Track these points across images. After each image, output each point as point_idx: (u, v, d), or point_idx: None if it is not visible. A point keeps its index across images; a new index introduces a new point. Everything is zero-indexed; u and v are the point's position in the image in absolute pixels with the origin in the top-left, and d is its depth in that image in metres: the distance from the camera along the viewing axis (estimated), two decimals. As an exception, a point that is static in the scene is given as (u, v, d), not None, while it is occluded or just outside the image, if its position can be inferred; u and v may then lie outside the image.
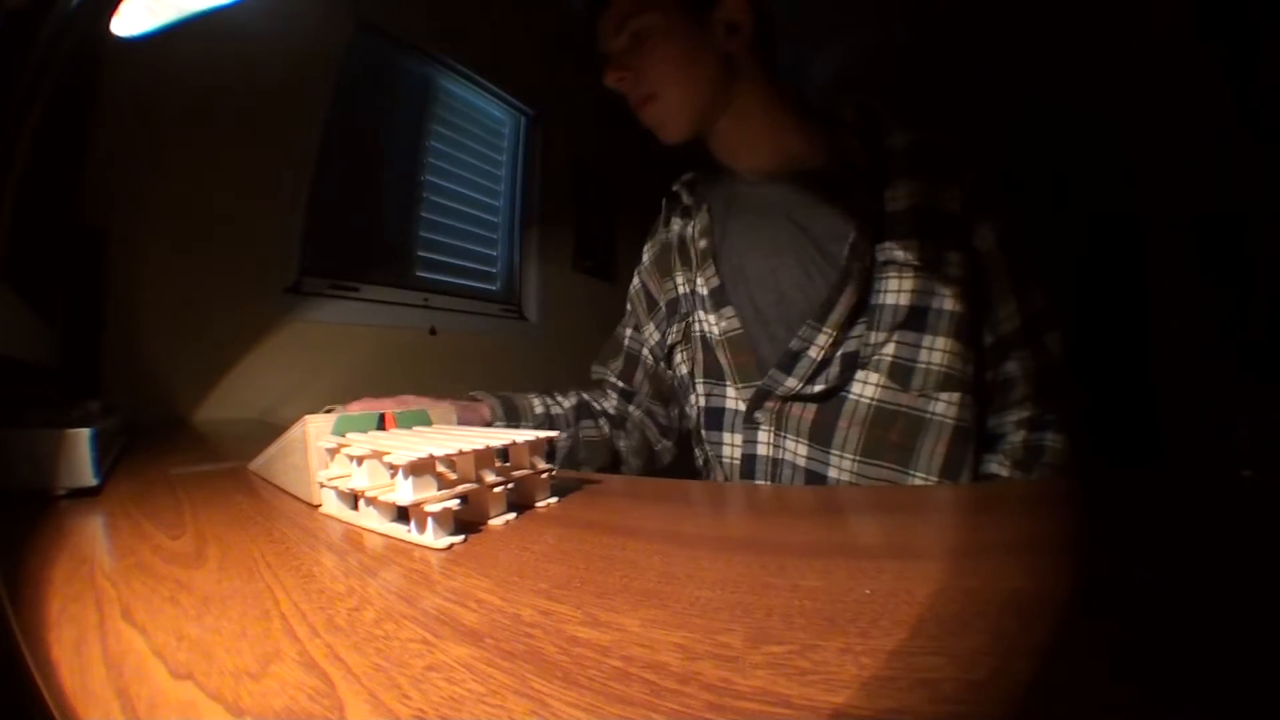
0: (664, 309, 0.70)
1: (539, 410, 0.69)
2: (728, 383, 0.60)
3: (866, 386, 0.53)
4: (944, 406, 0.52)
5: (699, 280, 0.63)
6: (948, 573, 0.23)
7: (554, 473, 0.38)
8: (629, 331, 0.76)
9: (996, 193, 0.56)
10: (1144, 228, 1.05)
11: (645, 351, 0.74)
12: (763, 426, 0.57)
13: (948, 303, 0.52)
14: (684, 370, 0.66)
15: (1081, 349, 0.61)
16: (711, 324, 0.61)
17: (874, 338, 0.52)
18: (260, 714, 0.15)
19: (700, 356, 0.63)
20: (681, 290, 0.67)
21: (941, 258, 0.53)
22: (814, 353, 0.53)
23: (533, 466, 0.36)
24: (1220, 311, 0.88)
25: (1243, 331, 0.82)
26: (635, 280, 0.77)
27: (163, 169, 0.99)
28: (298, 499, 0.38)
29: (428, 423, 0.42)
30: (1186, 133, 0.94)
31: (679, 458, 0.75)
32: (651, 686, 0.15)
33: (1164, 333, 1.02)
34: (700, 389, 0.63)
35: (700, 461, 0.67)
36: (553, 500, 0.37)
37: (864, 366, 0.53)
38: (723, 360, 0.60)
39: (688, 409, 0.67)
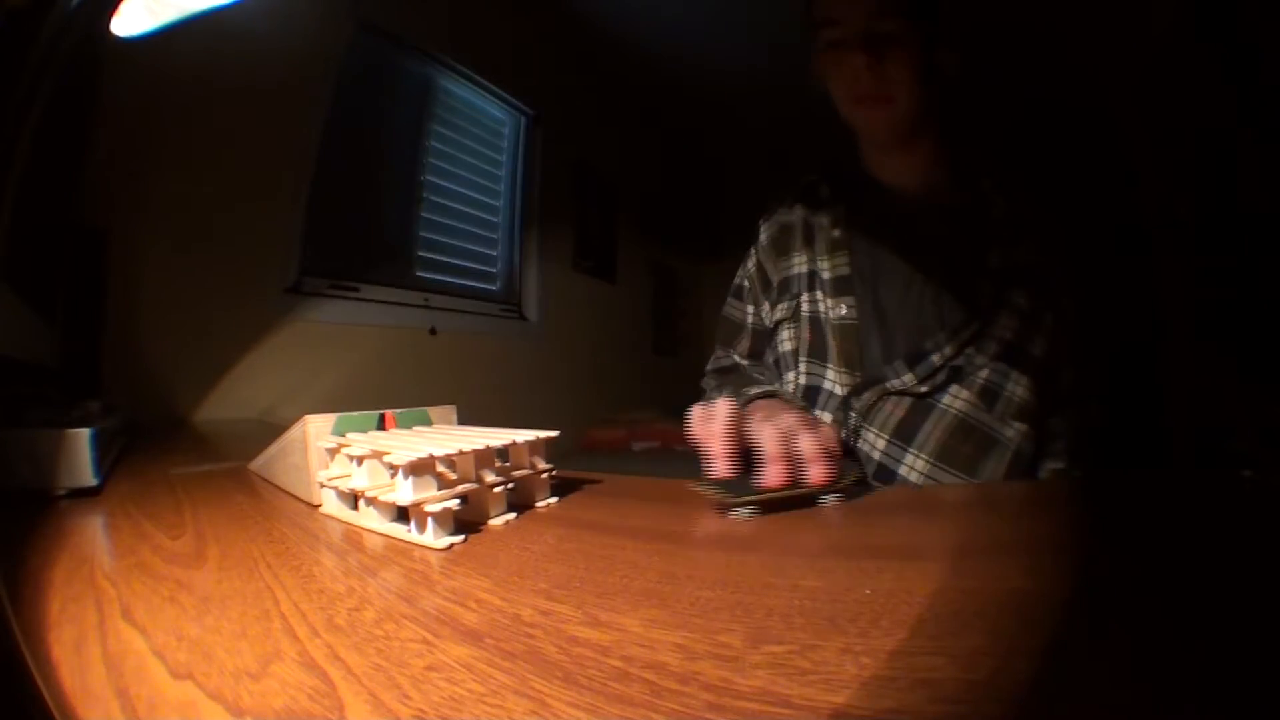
0: (776, 288, 0.72)
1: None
2: (830, 365, 0.64)
3: (957, 400, 0.58)
4: (1014, 433, 0.57)
5: (823, 264, 0.66)
6: (948, 573, 0.23)
7: (554, 472, 0.38)
8: (750, 309, 0.78)
9: (1078, 267, 0.63)
10: (1144, 228, 1.05)
11: (759, 327, 0.77)
12: (853, 415, 0.61)
13: (1036, 349, 0.59)
14: (787, 347, 0.69)
15: (1081, 349, 0.63)
16: (829, 306, 0.64)
17: (978, 360, 0.58)
18: (260, 714, 0.15)
19: (807, 335, 0.66)
20: (797, 270, 0.69)
21: (1039, 311, 0.59)
22: (936, 359, 0.58)
23: (533, 466, 0.36)
24: (1221, 312, 0.88)
25: (1243, 331, 0.82)
26: (751, 260, 0.78)
27: (163, 169, 0.99)
28: (298, 499, 0.38)
29: (428, 422, 0.42)
30: (1186, 133, 0.93)
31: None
32: (651, 686, 0.15)
33: (1165, 333, 1.02)
34: (803, 367, 0.66)
35: None
36: (553, 500, 0.37)
37: (961, 382, 0.58)
38: (831, 343, 0.64)
39: (786, 385, 0.69)
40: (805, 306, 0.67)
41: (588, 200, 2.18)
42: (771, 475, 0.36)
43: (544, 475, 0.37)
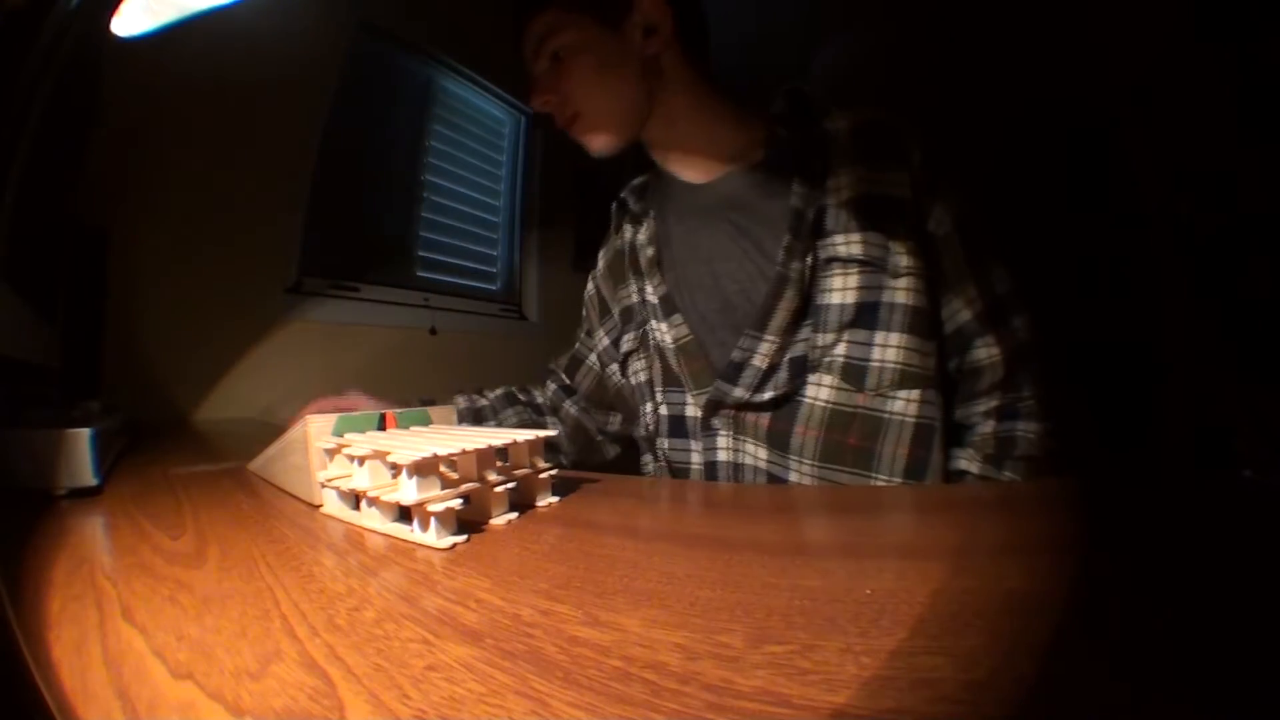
0: (617, 317, 0.69)
1: (461, 405, 0.72)
2: (686, 390, 0.59)
3: (820, 389, 0.51)
4: (903, 405, 0.50)
5: (648, 288, 0.62)
6: (948, 573, 0.23)
7: (555, 472, 0.38)
8: (581, 335, 0.77)
9: (950, 171, 0.53)
10: (1144, 228, 1.05)
11: (593, 357, 0.74)
12: (721, 433, 0.56)
13: (900, 295, 0.50)
14: (642, 378, 0.64)
15: (1081, 350, 0.60)
16: (664, 332, 0.60)
17: (821, 339, 0.51)
18: (260, 714, 0.15)
19: (658, 364, 0.62)
20: (634, 299, 0.66)
21: (888, 248, 0.50)
22: (758, 361, 0.52)
23: (533, 466, 0.36)
24: (1221, 311, 0.88)
25: (1243, 331, 0.82)
26: (590, 285, 0.77)
27: (163, 169, 0.99)
28: (298, 499, 0.38)
29: (427, 422, 0.42)
30: (1186, 133, 0.94)
31: (623, 461, 0.76)
32: (652, 686, 0.15)
33: (1165, 333, 1.02)
34: (660, 397, 0.62)
35: (650, 469, 0.67)
36: (554, 500, 0.37)
37: (815, 369, 0.51)
38: (677, 368, 0.59)
39: (645, 417, 0.65)
40: (651, 335, 0.63)
41: (588, 200, 2.17)
42: None
43: (544, 475, 0.37)
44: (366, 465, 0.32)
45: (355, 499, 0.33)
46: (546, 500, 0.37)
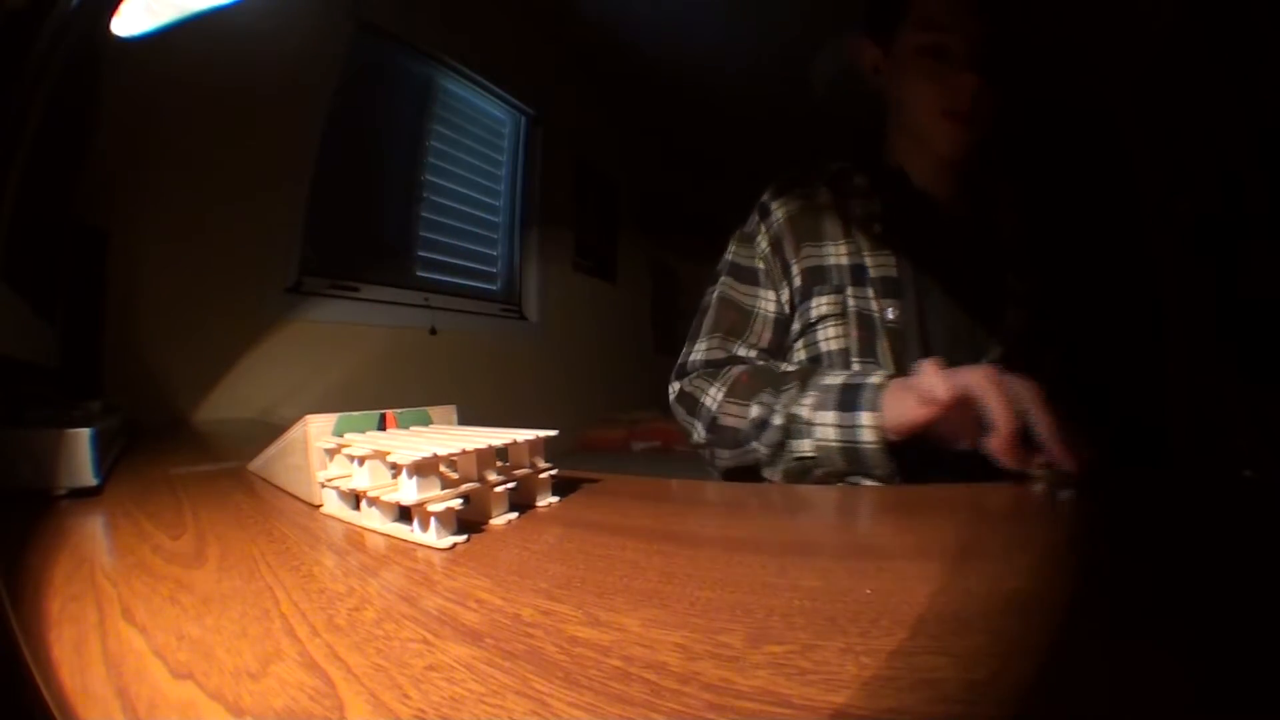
0: (796, 275, 0.65)
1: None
2: (882, 370, 0.59)
3: None
4: None
5: (869, 260, 0.62)
6: (948, 573, 0.23)
7: (555, 472, 0.38)
8: (769, 295, 0.68)
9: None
10: (1144, 228, 1.05)
11: (773, 311, 0.68)
12: None
13: (1043, 368, 0.57)
14: (834, 345, 0.62)
15: (1081, 349, 0.62)
16: (878, 308, 0.61)
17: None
18: (260, 714, 0.15)
19: (856, 334, 0.61)
20: (832, 261, 0.64)
21: (1041, 332, 0.61)
22: None
23: (533, 466, 0.36)
24: (1221, 311, 0.88)
25: (1243, 331, 0.82)
26: (763, 238, 0.68)
27: (163, 169, 0.99)
28: (298, 499, 0.38)
29: (428, 422, 0.42)
30: (1186, 133, 0.93)
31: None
32: (652, 686, 0.15)
33: (1164, 332, 1.02)
34: (856, 369, 0.61)
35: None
36: (554, 500, 0.37)
37: None
38: (880, 346, 0.60)
39: None
40: (853, 302, 0.62)
41: (588, 200, 2.18)
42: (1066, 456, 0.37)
43: (544, 475, 0.37)
44: (366, 465, 0.32)
45: (355, 499, 0.33)
46: (546, 500, 0.37)
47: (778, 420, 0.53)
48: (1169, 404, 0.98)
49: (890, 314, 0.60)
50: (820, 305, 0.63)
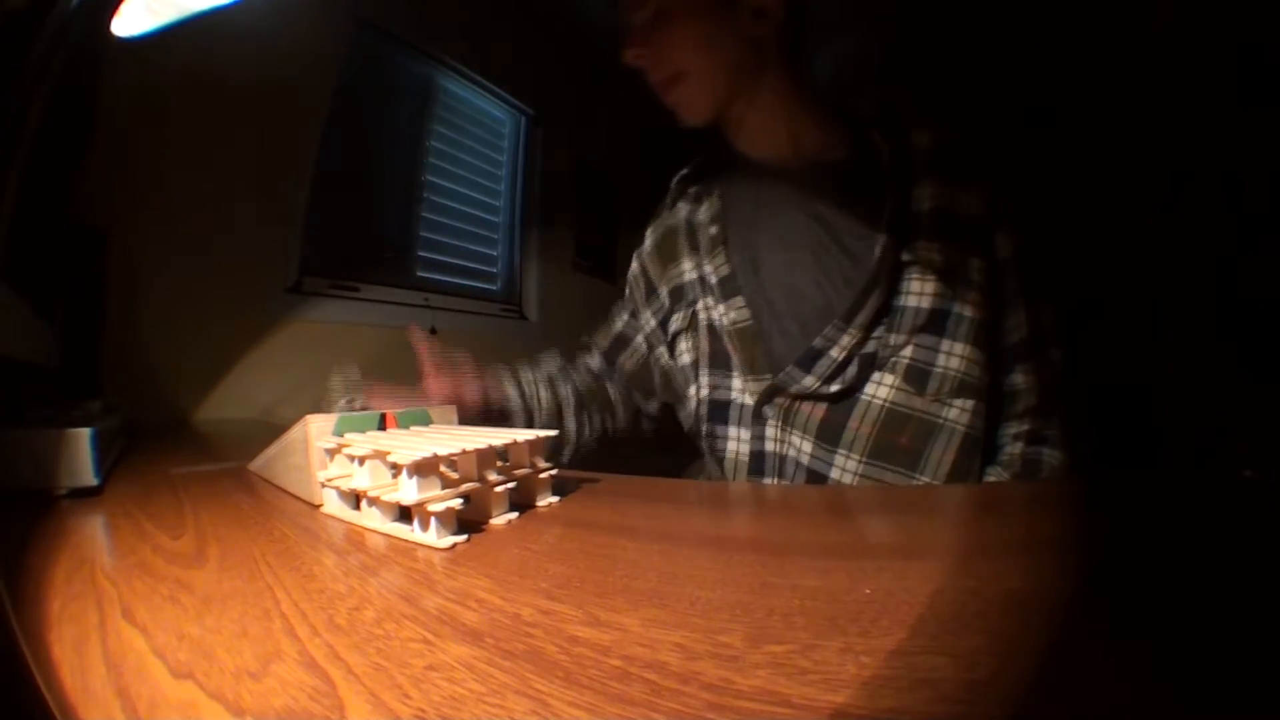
0: (664, 297, 0.68)
1: (514, 397, 0.71)
2: (735, 375, 0.59)
3: (880, 388, 0.52)
4: (957, 413, 0.51)
5: (708, 267, 0.62)
6: (948, 573, 0.23)
7: (555, 472, 0.38)
8: (625, 317, 0.74)
9: (1015, 200, 0.56)
10: (1144, 228, 1.05)
11: (640, 339, 0.72)
12: (770, 422, 0.56)
13: (968, 308, 0.52)
14: (687, 359, 0.64)
15: (1082, 348, 0.61)
16: (720, 313, 0.60)
17: (893, 340, 0.52)
18: (260, 714, 0.15)
19: (706, 346, 0.61)
20: (688, 277, 0.65)
21: (964, 262, 0.53)
22: (836, 353, 0.52)
23: (533, 465, 0.36)
24: (1221, 312, 0.88)
25: (1243, 331, 0.82)
26: (634, 264, 0.74)
27: (163, 169, 0.99)
28: (299, 499, 0.38)
29: (428, 422, 0.42)
30: (1186, 132, 0.94)
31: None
32: (652, 686, 0.15)
33: (1164, 332, 1.02)
34: (705, 380, 0.61)
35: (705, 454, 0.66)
36: (554, 500, 0.37)
37: (880, 368, 0.52)
38: (731, 351, 0.59)
39: (687, 401, 0.64)
40: (701, 314, 0.62)
41: (588, 200, 2.17)
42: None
43: (544, 475, 0.37)
44: (367, 465, 0.32)
45: (355, 499, 0.33)
46: (547, 500, 0.37)
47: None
48: (1169, 404, 0.98)
49: (733, 314, 0.59)
50: (674, 322, 0.66)
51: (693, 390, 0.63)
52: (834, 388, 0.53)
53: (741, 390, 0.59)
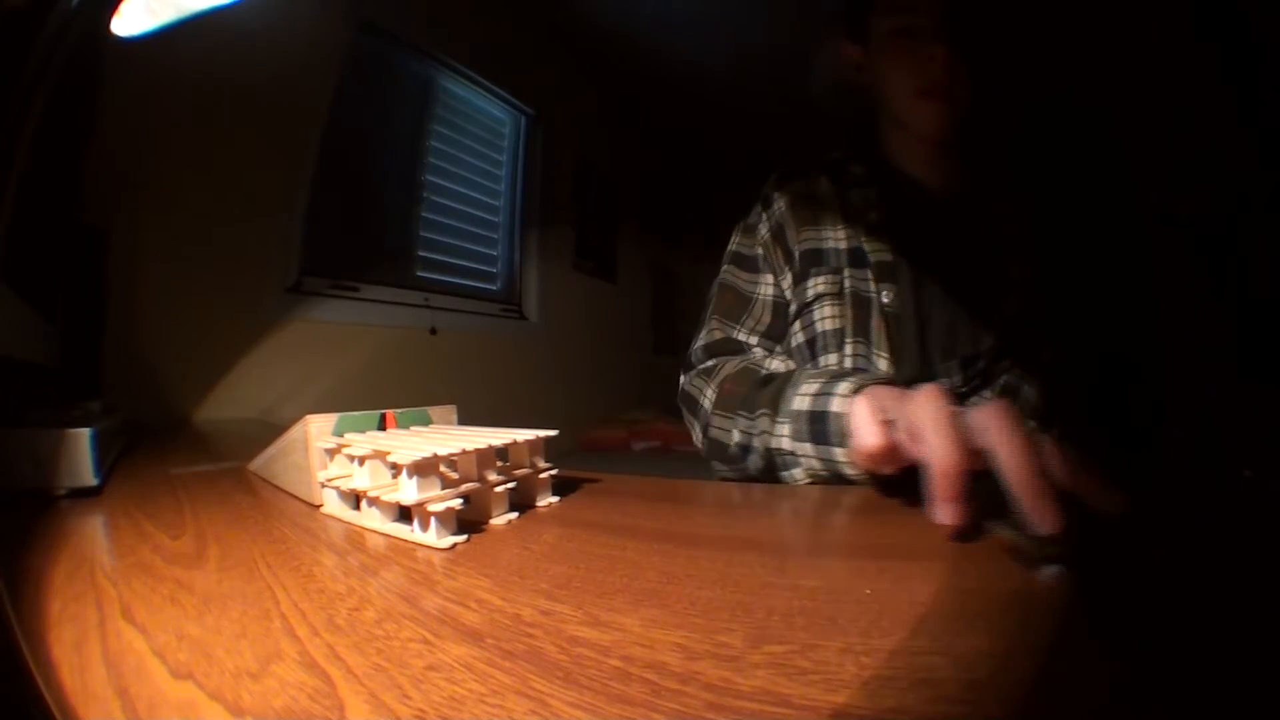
0: (800, 259, 0.66)
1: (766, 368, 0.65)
2: (875, 351, 0.61)
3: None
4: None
5: (866, 245, 0.63)
6: (948, 573, 0.23)
7: (555, 472, 0.38)
8: (767, 279, 0.68)
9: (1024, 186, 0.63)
10: (1144, 228, 1.05)
11: (767, 292, 0.69)
12: None
13: (1042, 356, 0.59)
14: (829, 325, 0.62)
15: (1083, 348, 0.62)
16: (875, 290, 0.62)
17: (999, 365, 0.59)
18: (260, 714, 0.15)
19: (851, 314, 0.62)
20: (830, 244, 0.65)
21: (1041, 322, 0.60)
22: (981, 363, 0.58)
23: (533, 466, 0.36)
24: (1220, 312, 0.88)
25: (1243, 331, 0.82)
26: (764, 226, 0.69)
27: (163, 169, 0.99)
28: (298, 499, 0.38)
29: (428, 422, 0.42)
30: (1186, 133, 0.93)
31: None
32: (652, 686, 0.15)
33: (1164, 332, 1.01)
34: (849, 349, 0.61)
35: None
36: (554, 500, 0.37)
37: (987, 385, 0.59)
38: (875, 327, 0.61)
39: (818, 367, 0.62)
40: (849, 283, 0.62)
41: (588, 200, 2.17)
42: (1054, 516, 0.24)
43: (544, 475, 0.37)
44: (366, 465, 0.32)
45: (355, 499, 0.33)
46: (547, 500, 0.37)
47: (758, 447, 0.51)
48: (1169, 404, 0.98)
49: (885, 296, 0.60)
50: (817, 285, 0.63)
51: (833, 358, 0.62)
52: (964, 390, 0.58)
53: (881, 369, 0.61)
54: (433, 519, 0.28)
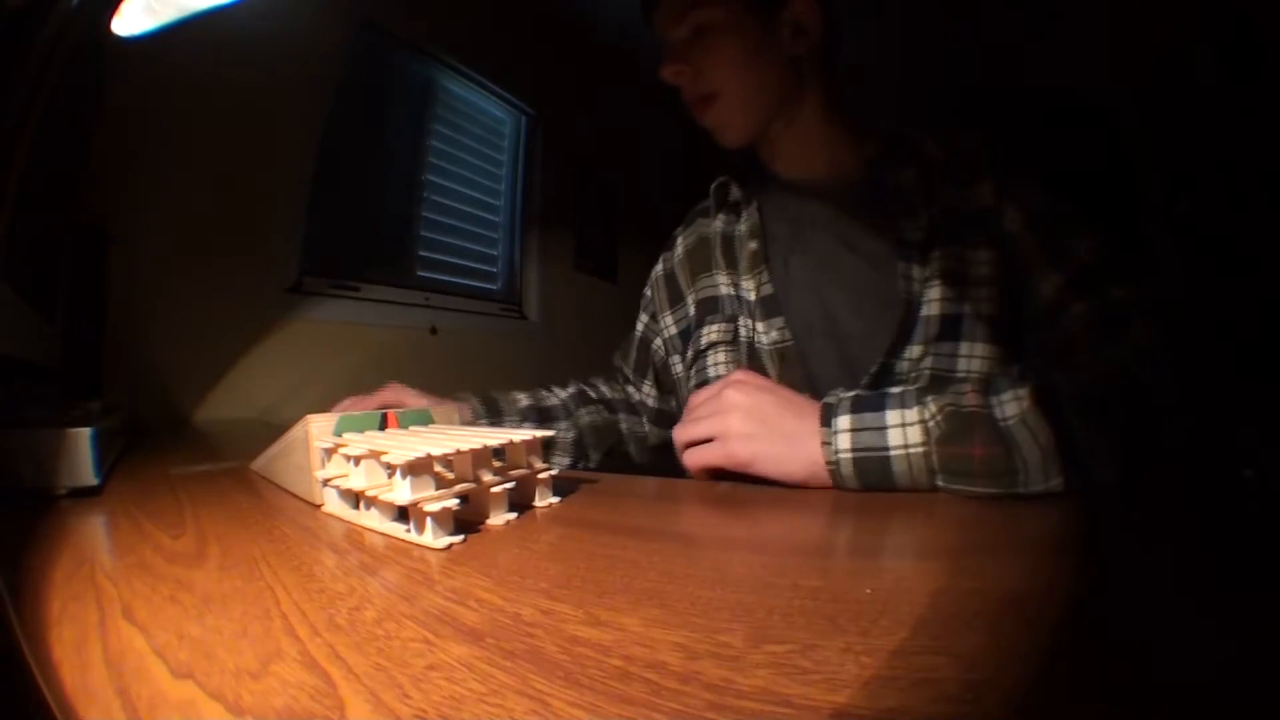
0: (691, 305, 0.67)
1: (525, 403, 0.69)
2: None
3: None
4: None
5: (747, 284, 0.61)
6: (948, 573, 0.23)
7: (554, 472, 0.38)
8: (645, 319, 0.74)
9: (1024, 172, 0.55)
10: (1143, 227, 1.05)
11: (658, 341, 0.72)
12: None
13: (983, 306, 0.51)
14: (721, 370, 0.63)
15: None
16: (760, 332, 0.60)
17: (912, 352, 0.52)
18: (260, 713, 0.15)
19: (745, 362, 0.61)
20: (724, 290, 0.65)
21: (971, 258, 0.52)
22: (865, 379, 0.53)
23: (530, 465, 0.36)
24: (1220, 311, 0.88)
25: (1243, 331, 0.82)
26: (660, 267, 0.74)
27: (163, 169, 0.99)
28: (299, 498, 0.38)
29: (429, 422, 0.42)
30: (1186, 133, 0.94)
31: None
32: (652, 686, 0.15)
33: (1164, 332, 1.02)
34: None
35: None
36: (553, 500, 0.37)
37: (903, 381, 0.52)
38: (770, 371, 0.59)
39: None
40: (743, 331, 0.62)
41: (588, 200, 2.17)
42: None
43: (543, 475, 0.37)
44: (363, 465, 0.32)
45: (356, 498, 0.33)
46: (546, 500, 0.37)
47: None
48: (1169, 404, 0.98)
49: (773, 335, 0.58)
50: (710, 333, 0.64)
51: None
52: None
53: None
54: (429, 519, 0.28)
